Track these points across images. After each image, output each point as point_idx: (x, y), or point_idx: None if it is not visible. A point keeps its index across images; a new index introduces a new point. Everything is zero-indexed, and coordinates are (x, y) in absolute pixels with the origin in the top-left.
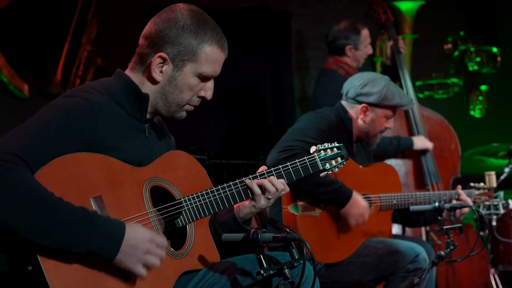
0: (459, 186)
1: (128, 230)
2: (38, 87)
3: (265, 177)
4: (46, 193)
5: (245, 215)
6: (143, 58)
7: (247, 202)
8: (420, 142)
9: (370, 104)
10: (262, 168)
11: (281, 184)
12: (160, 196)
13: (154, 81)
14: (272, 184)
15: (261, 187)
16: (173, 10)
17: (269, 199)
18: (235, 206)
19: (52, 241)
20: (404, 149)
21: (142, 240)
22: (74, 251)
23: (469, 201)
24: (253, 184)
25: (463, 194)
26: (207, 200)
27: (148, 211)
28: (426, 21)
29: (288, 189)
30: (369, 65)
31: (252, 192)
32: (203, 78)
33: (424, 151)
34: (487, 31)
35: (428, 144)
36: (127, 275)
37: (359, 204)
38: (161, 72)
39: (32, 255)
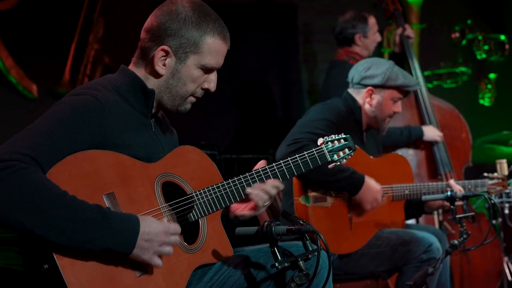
0: (451, 181)
1: (143, 224)
2: (47, 87)
3: (275, 170)
4: (60, 191)
5: (245, 219)
6: (145, 52)
7: (246, 211)
8: (430, 131)
9: (376, 86)
10: (260, 165)
11: (274, 190)
12: (171, 191)
13: (157, 75)
14: (267, 193)
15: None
16: (174, 3)
17: (266, 205)
18: (236, 213)
19: (68, 240)
20: (415, 139)
21: (156, 233)
22: (90, 249)
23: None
24: (259, 201)
25: (454, 185)
26: (218, 194)
27: (160, 207)
28: (433, 10)
29: (276, 190)
30: (377, 55)
31: (256, 204)
32: (206, 70)
33: (435, 141)
34: (495, 18)
35: (438, 134)
36: (142, 271)
37: (372, 189)
38: (164, 65)
39: (48, 253)
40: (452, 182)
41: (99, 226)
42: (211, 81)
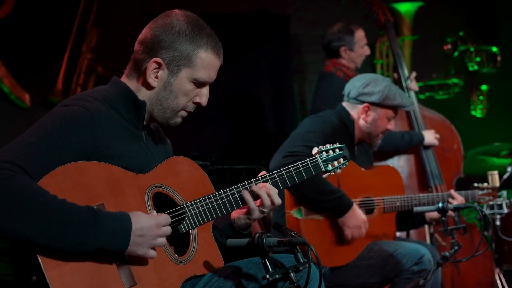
0: (452, 190)
1: (134, 220)
2: (39, 97)
3: (267, 180)
4: (49, 196)
5: (241, 226)
6: (138, 63)
7: (242, 214)
8: (429, 137)
9: (372, 104)
10: (263, 173)
11: (279, 199)
12: (162, 202)
13: (149, 87)
14: (270, 198)
15: (258, 197)
16: (168, 16)
17: (263, 212)
18: (232, 216)
19: (61, 243)
20: (416, 144)
21: (148, 227)
22: (85, 250)
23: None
24: (250, 199)
25: (457, 196)
26: (209, 205)
27: None
28: (425, 22)
29: (280, 201)
30: (368, 66)
31: (248, 206)
32: (199, 84)
33: (426, 152)
34: (487, 30)
35: (435, 141)
36: (132, 281)
37: (357, 216)
38: (156, 77)
39: (36, 265)
40: (453, 192)
41: (91, 227)
42: (202, 95)
